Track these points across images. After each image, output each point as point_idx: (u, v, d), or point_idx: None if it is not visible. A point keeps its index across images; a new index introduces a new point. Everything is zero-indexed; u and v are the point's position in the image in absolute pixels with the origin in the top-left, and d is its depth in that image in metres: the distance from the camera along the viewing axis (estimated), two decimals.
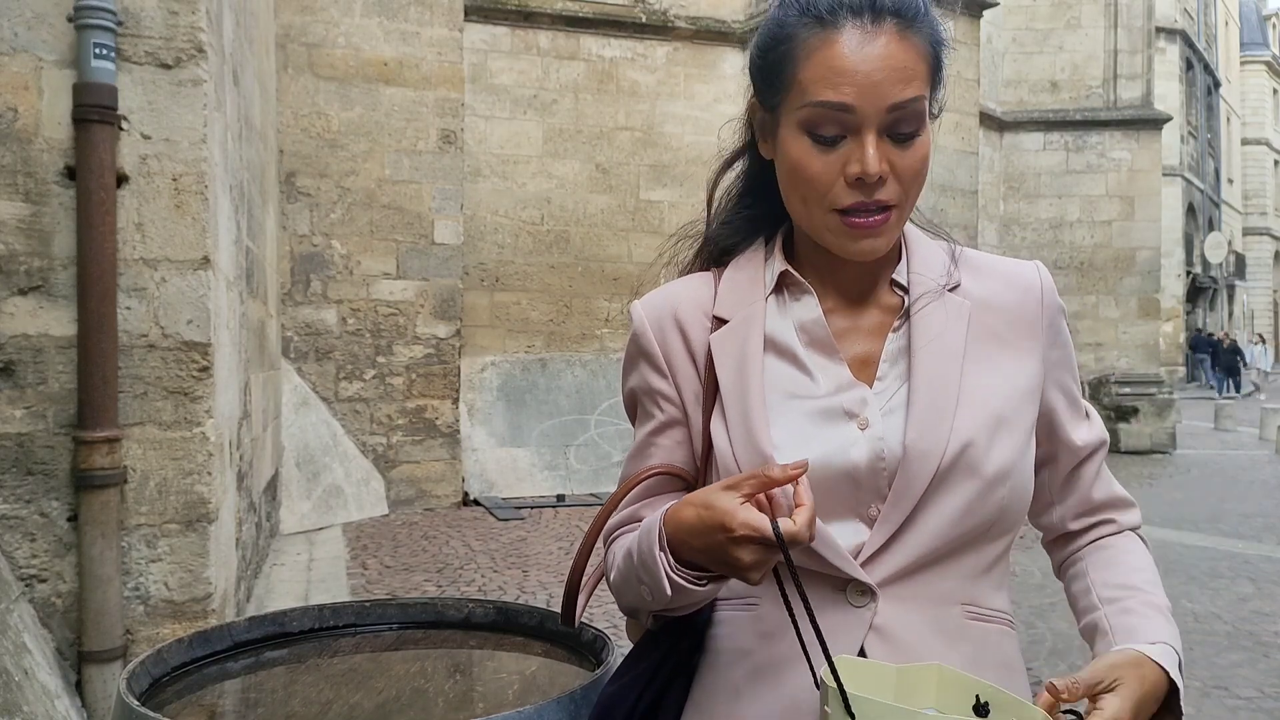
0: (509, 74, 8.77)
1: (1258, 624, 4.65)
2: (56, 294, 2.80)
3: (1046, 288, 0.95)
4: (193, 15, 2.91)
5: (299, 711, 1.13)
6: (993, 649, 0.90)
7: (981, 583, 0.89)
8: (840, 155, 0.85)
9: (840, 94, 0.83)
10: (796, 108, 0.86)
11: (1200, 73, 27.46)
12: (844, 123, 0.84)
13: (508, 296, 8.78)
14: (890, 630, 0.85)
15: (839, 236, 0.88)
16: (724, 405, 0.91)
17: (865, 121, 0.83)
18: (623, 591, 0.92)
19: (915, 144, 0.86)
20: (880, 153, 0.84)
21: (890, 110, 0.83)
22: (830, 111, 0.84)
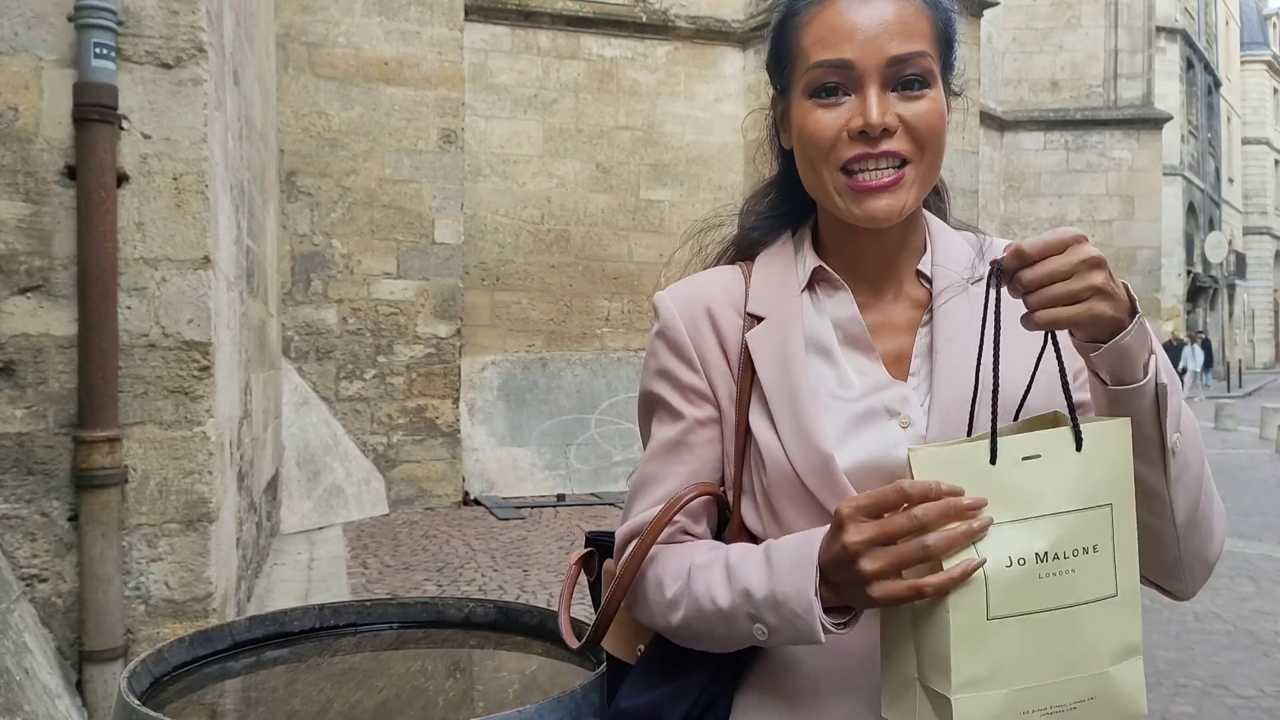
0: (509, 73, 8.77)
1: (1258, 623, 4.65)
2: (57, 293, 2.80)
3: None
4: (193, 15, 2.91)
5: (299, 710, 1.14)
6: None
7: None
8: (845, 111, 0.85)
9: (839, 51, 0.83)
10: (801, 76, 0.87)
11: (1200, 72, 27.44)
12: (846, 79, 0.84)
13: (508, 296, 8.78)
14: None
15: (845, 199, 0.86)
16: (770, 403, 0.89)
17: (866, 75, 0.83)
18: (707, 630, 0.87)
19: (925, 98, 0.84)
20: (885, 105, 0.83)
21: (891, 64, 0.83)
22: (830, 70, 0.84)
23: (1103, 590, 0.76)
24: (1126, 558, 0.77)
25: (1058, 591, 0.75)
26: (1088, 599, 0.75)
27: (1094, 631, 0.76)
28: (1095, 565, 0.76)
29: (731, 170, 9.48)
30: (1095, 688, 0.76)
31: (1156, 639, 4.34)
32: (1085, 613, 0.75)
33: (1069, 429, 0.77)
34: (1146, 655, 0.79)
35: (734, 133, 9.49)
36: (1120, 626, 0.77)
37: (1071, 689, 0.75)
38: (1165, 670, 3.97)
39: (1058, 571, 0.75)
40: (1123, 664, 0.77)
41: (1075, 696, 0.75)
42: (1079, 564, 0.75)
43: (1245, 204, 35.89)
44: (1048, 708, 0.75)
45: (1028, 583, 0.75)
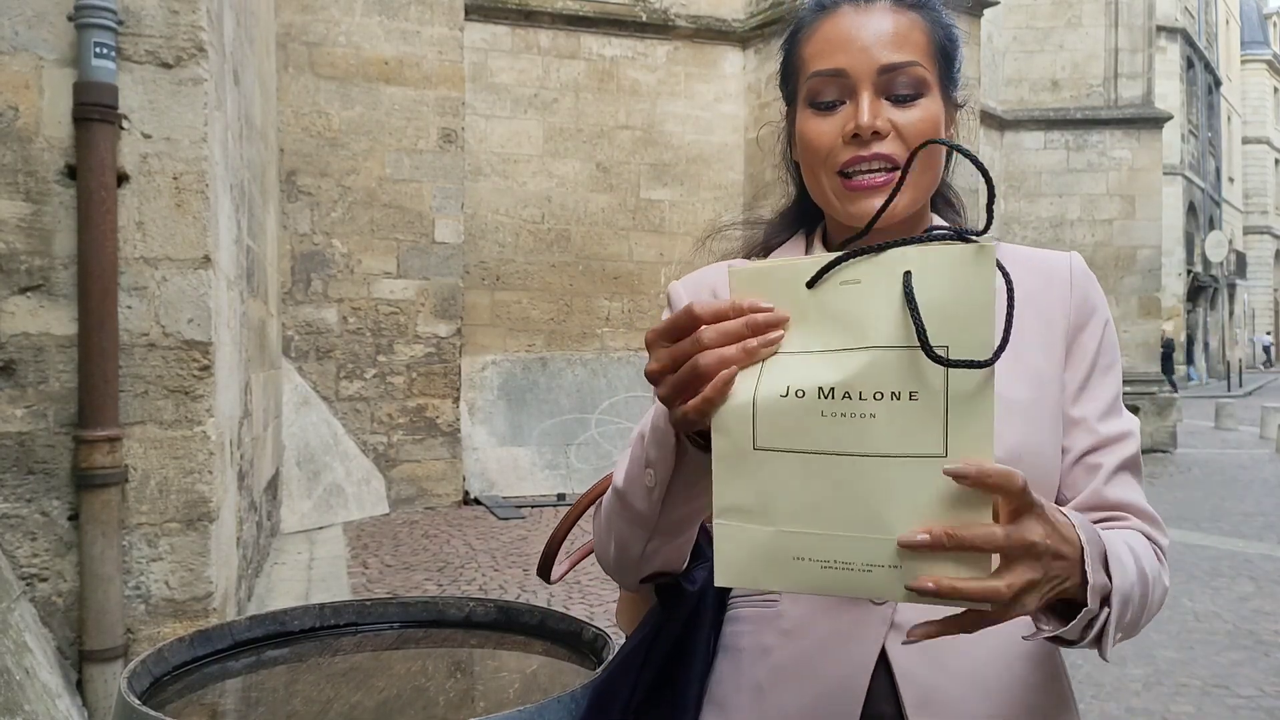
0: (509, 73, 8.77)
1: (1258, 623, 4.65)
2: (57, 293, 2.80)
3: (1077, 273, 0.92)
4: (193, 14, 2.91)
5: (300, 710, 1.13)
6: (1023, 648, 0.87)
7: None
8: (840, 118, 0.88)
9: (834, 60, 0.87)
10: (803, 86, 0.91)
11: (1201, 71, 27.43)
12: (841, 88, 0.87)
13: (508, 295, 8.78)
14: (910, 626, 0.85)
15: (841, 200, 0.88)
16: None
17: (859, 83, 0.86)
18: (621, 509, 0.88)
19: (917, 106, 0.87)
20: (876, 109, 0.86)
21: (882, 72, 0.86)
22: (826, 79, 0.88)
23: (918, 447, 0.63)
24: (969, 417, 0.63)
25: (847, 435, 0.65)
26: (890, 452, 0.64)
27: (901, 491, 0.64)
28: (908, 416, 0.64)
29: (732, 170, 9.48)
30: (895, 555, 0.64)
31: (1157, 638, 4.34)
32: (887, 467, 0.64)
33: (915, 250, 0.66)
34: (1146, 655, 0.77)
35: (734, 132, 9.49)
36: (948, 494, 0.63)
37: (865, 550, 0.65)
38: (1165, 669, 3.97)
39: (848, 413, 0.65)
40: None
41: (870, 559, 0.65)
42: (881, 409, 0.64)
43: (1245, 203, 35.88)
44: (830, 560, 0.66)
45: (805, 418, 0.66)
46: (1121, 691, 3.74)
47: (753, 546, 0.68)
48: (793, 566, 0.67)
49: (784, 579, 0.68)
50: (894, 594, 0.65)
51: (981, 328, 0.63)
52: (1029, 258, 0.94)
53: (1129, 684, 3.81)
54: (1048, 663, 0.89)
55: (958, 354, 0.63)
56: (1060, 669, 0.91)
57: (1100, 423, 0.89)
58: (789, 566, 0.67)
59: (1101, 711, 3.55)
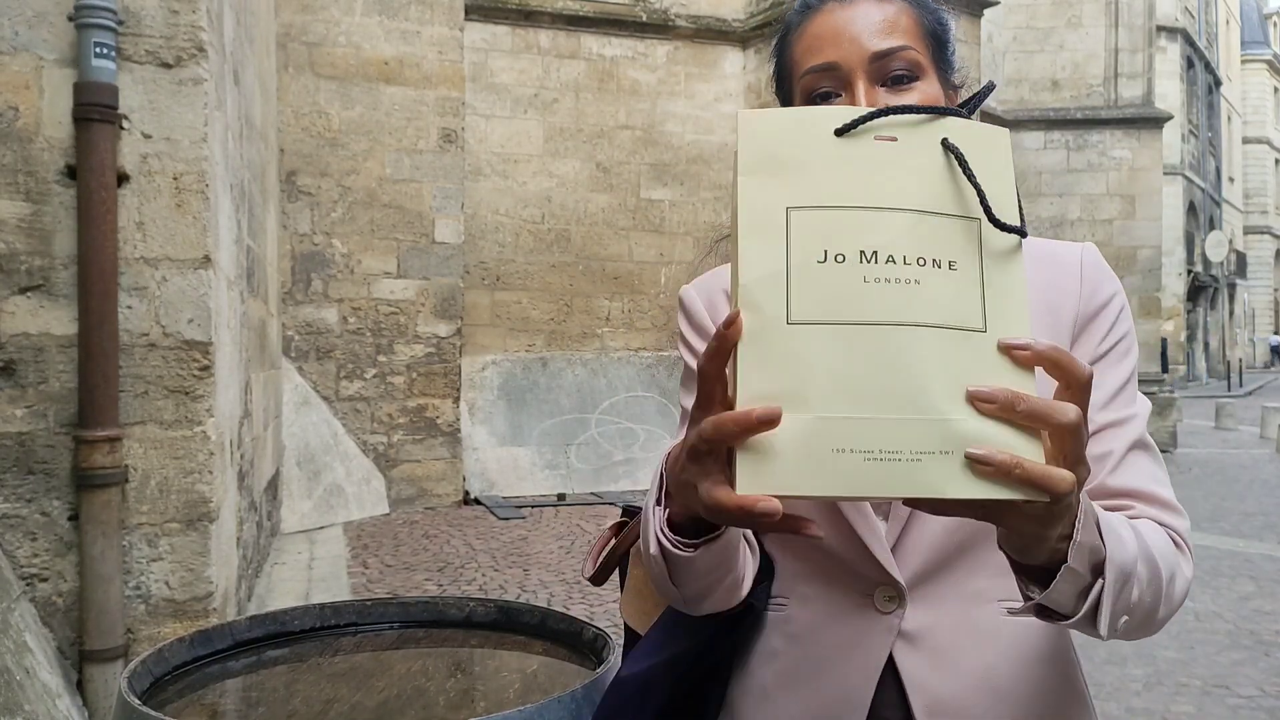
0: (509, 73, 8.77)
1: (1259, 623, 4.65)
2: (57, 293, 2.80)
3: (1087, 265, 0.89)
4: (193, 14, 2.91)
5: (300, 710, 1.13)
6: (1039, 643, 0.85)
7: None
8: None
9: (824, 55, 0.86)
10: (797, 86, 0.89)
11: (1201, 71, 27.42)
12: (835, 81, 0.86)
13: (508, 295, 8.78)
14: (920, 634, 0.83)
15: None
16: None
17: (852, 73, 0.85)
18: (645, 555, 0.84)
19: (914, 89, 0.85)
20: (873, 97, 0.84)
21: (874, 59, 0.84)
22: (819, 74, 0.86)
23: (960, 318, 0.59)
24: (1005, 292, 0.60)
25: (890, 303, 0.59)
26: (935, 322, 0.59)
27: (949, 368, 0.58)
28: (950, 285, 0.60)
29: (732, 169, 9.46)
30: (949, 440, 0.57)
31: (1157, 638, 4.34)
32: (932, 338, 0.58)
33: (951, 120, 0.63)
34: (1147, 655, 0.75)
35: (734, 132, 9.47)
36: (995, 374, 0.59)
37: (914, 435, 0.57)
38: (1166, 669, 3.97)
39: (891, 278, 0.59)
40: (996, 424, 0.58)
41: (919, 445, 0.57)
42: (924, 276, 0.59)
43: (1246, 203, 35.87)
44: (875, 451, 0.57)
45: (847, 284, 0.59)
46: (1122, 691, 3.74)
47: (786, 442, 0.58)
48: (832, 461, 0.57)
49: (822, 479, 0.58)
50: (946, 487, 0.57)
51: (1009, 205, 0.62)
52: (1041, 250, 0.91)
53: (1129, 684, 3.81)
54: (1060, 663, 0.87)
55: (990, 232, 0.61)
56: (1074, 669, 0.89)
57: (1100, 412, 0.85)
58: (828, 462, 0.58)
59: (1102, 711, 3.55)
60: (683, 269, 9.30)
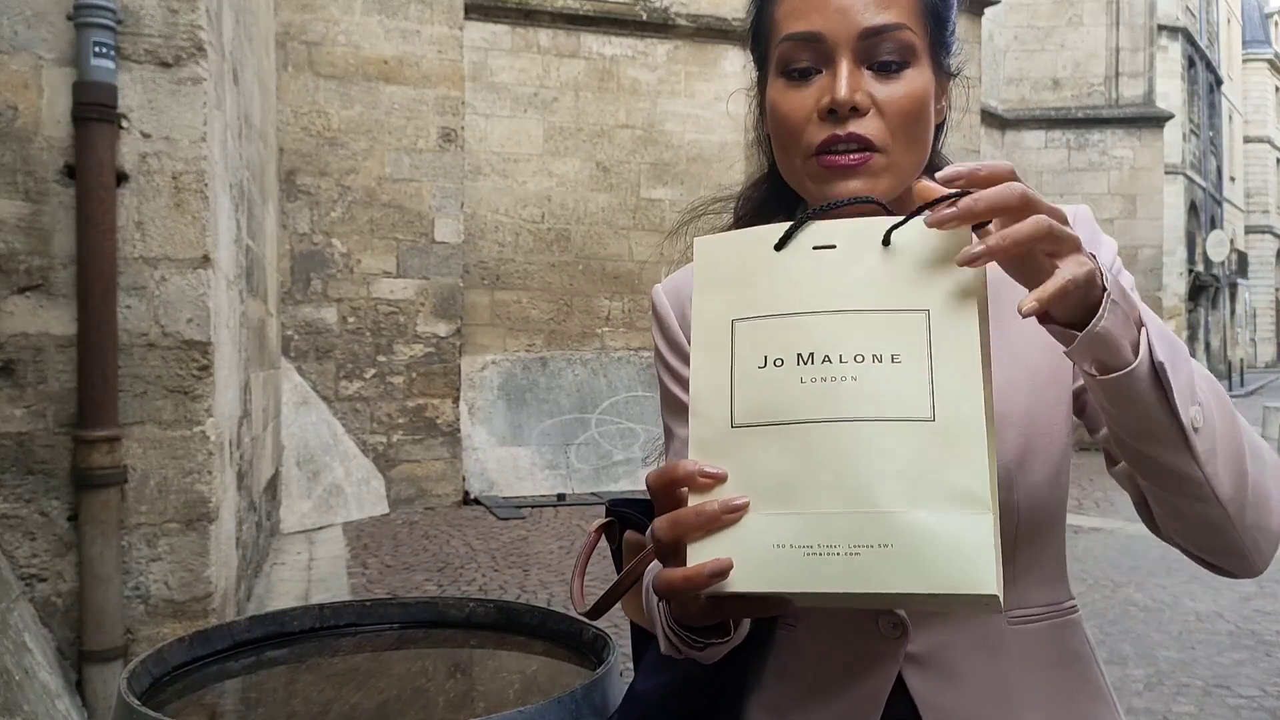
0: (509, 72, 8.76)
1: (1260, 623, 4.64)
2: (56, 293, 2.80)
3: (1079, 219, 0.84)
4: (192, 13, 2.91)
5: (300, 711, 1.13)
6: (1048, 647, 0.83)
7: (1022, 584, 0.82)
8: (815, 89, 0.78)
9: (809, 22, 0.77)
10: (773, 51, 0.81)
11: (1202, 70, 27.41)
12: (816, 54, 0.78)
13: (508, 295, 8.78)
14: (928, 656, 0.82)
15: (816, 182, 0.79)
16: None
17: (837, 48, 0.77)
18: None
19: (902, 78, 0.77)
20: (855, 82, 0.76)
21: (863, 37, 0.76)
22: (800, 43, 0.78)
23: (904, 410, 0.59)
24: (957, 379, 0.60)
25: (827, 401, 0.61)
26: (873, 416, 0.60)
27: (888, 460, 0.59)
28: (892, 378, 0.60)
29: (732, 169, 9.47)
30: (888, 533, 0.58)
31: (1158, 638, 4.34)
32: (871, 433, 0.59)
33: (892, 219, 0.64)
34: (1147, 655, 0.73)
35: (735, 131, 9.48)
36: (941, 462, 0.58)
37: (850, 528, 0.59)
38: (1167, 670, 3.96)
39: (829, 377, 0.61)
40: (941, 513, 0.58)
41: (855, 539, 0.58)
42: (863, 372, 0.61)
43: (1247, 203, 35.87)
44: (813, 546, 0.59)
45: (785, 387, 0.62)
46: (1123, 692, 3.74)
47: (731, 540, 0.61)
48: (773, 557, 0.60)
49: (763, 575, 0.60)
50: (884, 580, 0.57)
51: (966, 292, 0.61)
52: None
53: (1130, 684, 3.81)
54: (1076, 664, 0.85)
55: (938, 318, 0.61)
56: (1091, 668, 0.86)
57: None
58: (769, 558, 0.60)
59: None
60: (676, 265, 9.28)
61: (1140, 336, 0.65)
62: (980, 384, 0.60)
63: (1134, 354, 0.65)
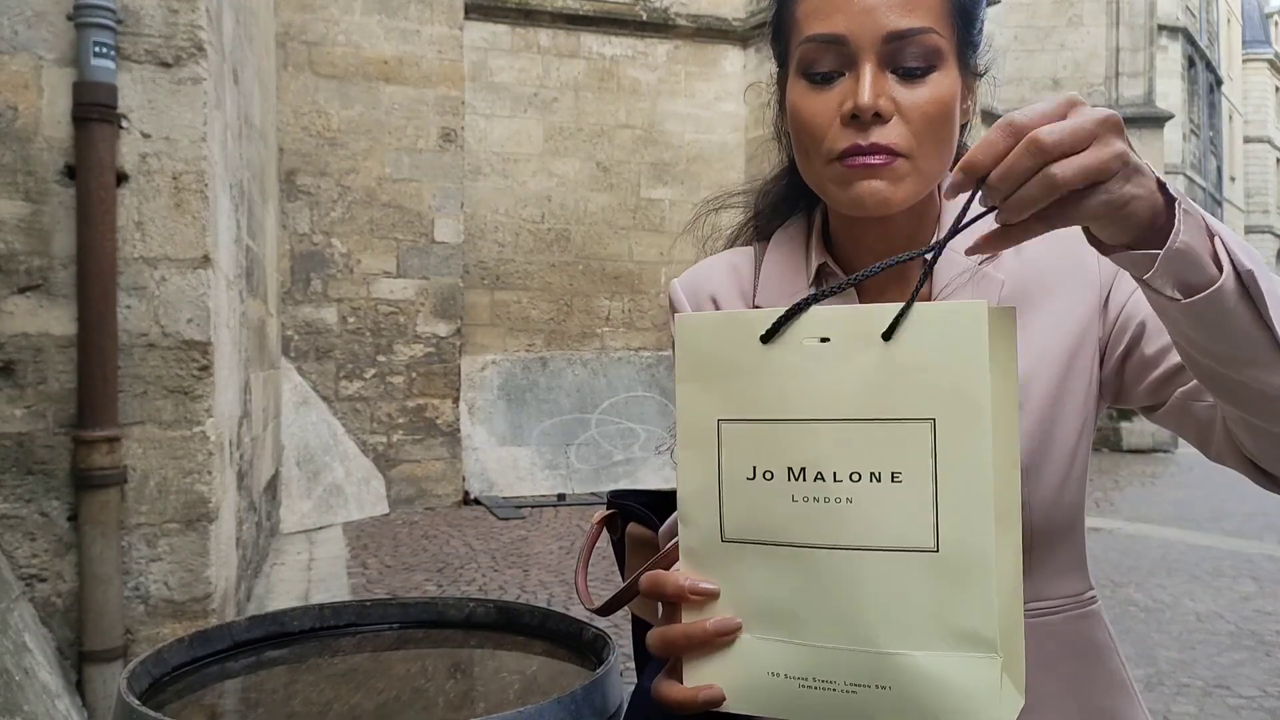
0: (509, 72, 8.76)
1: (1260, 623, 4.64)
2: (56, 293, 2.80)
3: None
4: (192, 14, 2.91)
5: (299, 711, 1.13)
6: (1068, 639, 0.82)
7: (1040, 577, 0.80)
8: (837, 93, 0.76)
9: (832, 24, 0.75)
10: (795, 51, 0.79)
11: (1202, 70, 27.42)
12: (839, 56, 0.75)
13: (508, 295, 8.78)
14: None
15: (839, 185, 0.77)
16: None
17: (861, 52, 0.74)
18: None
19: (927, 82, 0.75)
20: (879, 87, 0.74)
21: (888, 40, 0.74)
22: (823, 45, 0.76)
23: (904, 539, 0.54)
24: (965, 502, 0.53)
25: (819, 524, 0.56)
26: (870, 545, 0.55)
27: (887, 594, 0.54)
28: (891, 501, 0.55)
29: (732, 169, 9.47)
30: (884, 674, 0.54)
31: (1158, 639, 4.34)
32: (868, 563, 0.55)
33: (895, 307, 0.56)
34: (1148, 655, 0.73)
35: (735, 131, 9.48)
36: (944, 599, 0.53)
37: (848, 665, 0.55)
38: (1167, 670, 3.96)
39: (822, 497, 0.56)
40: (943, 655, 0.53)
41: (854, 677, 0.55)
42: (859, 493, 0.55)
43: (1247, 203, 35.87)
44: (808, 679, 0.56)
45: (775, 503, 0.57)
46: None
47: (727, 657, 0.59)
48: (767, 684, 0.57)
49: (758, 700, 0.58)
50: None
51: (976, 399, 0.54)
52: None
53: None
54: (1095, 652, 0.84)
55: (948, 429, 0.54)
56: (1111, 655, 0.85)
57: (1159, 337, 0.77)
58: (763, 684, 0.58)
59: None
60: (683, 268, 9.27)
61: (1216, 247, 0.60)
62: (990, 507, 0.53)
63: (1218, 268, 0.59)
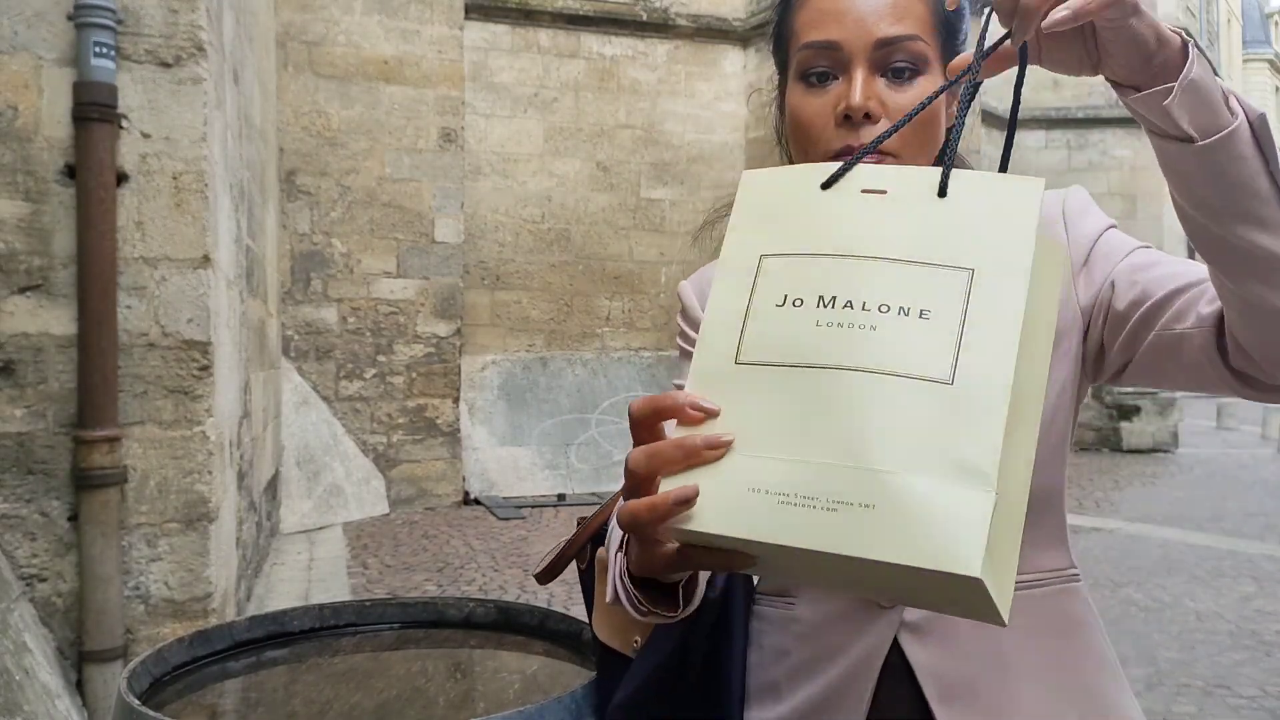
0: (509, 72, 8.76)
1: (1260, 623, 4.64)
2: (56, 293, 2.80)
3: (1070, 209, 0.87)
4: (192, 14, 2.91)
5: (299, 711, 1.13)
6: (1049, 613, 0.84)
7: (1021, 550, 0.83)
8: (832, 96, 0.83)
9: (826, 32, 0.82)
10: (793, 57, 0.86)
11: None
12: (833, 61, 0.82)
13: (508, 295, 8.78)
14: (923, 624, 0.83)
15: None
16: None
17: (853, 57, 0.81)
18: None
19: (914, 85, 0.82)
20: (869, 89, 0.81)
21: (878, 46, 0.81)
22: (819, 50, 0.82)
23: (920, 368, 0.55)
24: (989, 346, 0.55)
25: (838, 347, 0.57)
26: (886, 370, 0.56)
27: (892, 417, 0.54)
28: (914, 333, 0.56)
29: (732, 169, 9.47)
30: (872, 492, 0.53)
31: (1159, 639, 4.34)
32: (878, 386, 0.55)
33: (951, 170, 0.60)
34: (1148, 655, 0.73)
35: (735, 131, 9.48)
36: (949, 429, 0.54)
37: (833, 481, 0.54)
38: (1167, 670, 3.96)
39: (845, 323, 0.57)
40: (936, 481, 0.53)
41: (837, 492, 0.54)
42: (885, 323, 0.57)
43: None
44: (791, 495, 0.54)
45: (798, 328, 0.58)
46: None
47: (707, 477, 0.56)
48: (744, 501, 0.55)
49: (730, 518, 0.55)
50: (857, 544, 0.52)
51: (1020, 256, 0.57)
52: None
53: (1130, 684, 3.81)
54: (1080, 631, 0.86)
55: (986, 280, 0.57)
56: (1096, 635, 0.87)
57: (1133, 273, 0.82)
58: (740, 501, 0.55)
59: None
60: (683, 268, 9.29)
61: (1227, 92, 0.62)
62: (1013, 356, 0.55)
63: (1231, 113, 0.61)
